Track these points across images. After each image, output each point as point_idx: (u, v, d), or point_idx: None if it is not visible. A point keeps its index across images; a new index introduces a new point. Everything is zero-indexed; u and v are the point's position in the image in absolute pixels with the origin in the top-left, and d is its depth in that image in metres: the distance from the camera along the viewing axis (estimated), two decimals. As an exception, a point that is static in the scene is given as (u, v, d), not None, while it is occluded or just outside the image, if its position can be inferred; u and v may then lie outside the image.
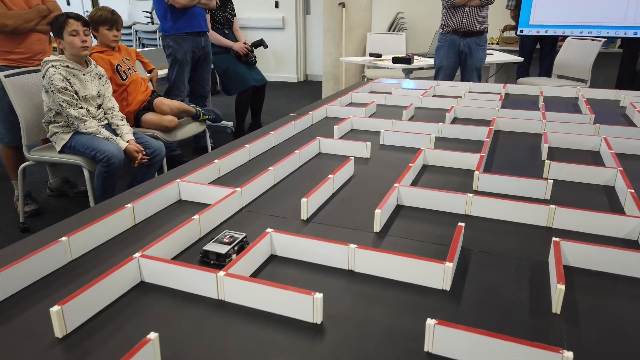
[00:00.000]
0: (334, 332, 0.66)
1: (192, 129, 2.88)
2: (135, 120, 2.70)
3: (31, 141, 2.35)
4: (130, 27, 7.32)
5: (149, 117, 2.67)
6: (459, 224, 0.88)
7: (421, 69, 3.92)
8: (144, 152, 2.26)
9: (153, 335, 0.58)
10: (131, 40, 7.34)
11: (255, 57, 3.91)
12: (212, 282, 0.72)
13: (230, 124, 4.36)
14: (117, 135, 2.28)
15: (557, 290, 0.69)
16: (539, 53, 5.05)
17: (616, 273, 0.80)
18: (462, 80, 3.63)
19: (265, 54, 7.43)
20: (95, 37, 2.64)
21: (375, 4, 6.06)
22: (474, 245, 0.90)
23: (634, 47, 4.53)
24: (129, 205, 0.96)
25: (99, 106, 2.31)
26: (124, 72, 2.65)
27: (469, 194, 1.02)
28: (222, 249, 0.81)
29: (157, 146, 2.36)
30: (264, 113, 4.89)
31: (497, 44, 5.64)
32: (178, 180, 1.09)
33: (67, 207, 2.75)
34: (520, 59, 4.30)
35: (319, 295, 0.66)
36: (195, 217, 0.90)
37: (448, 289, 0.76)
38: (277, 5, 7.21)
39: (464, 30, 3.40)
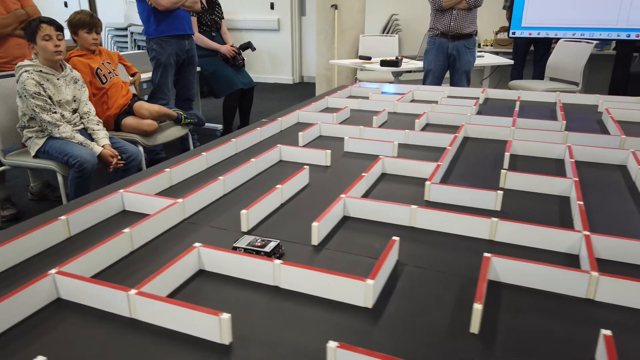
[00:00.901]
0: (242, 353, 0.64)
1: (174, 132, 2.86)
2: (115, 124, 2.69)
3: (7, 145, 2.34)
4: (125, 29, 7.33)
5: (128, 121, 2.66)
6: (393, 237, 0.86)
7: (410, 71, 3.89)
8: (120, 157, 2.25)
9: (41, 358, 0.57)
10: (127, 42, 7.35)
11: (243, 59, 3.90)
12: (123, 300, 0.70)
13: (219, 126, 4.35)
14: (92, 139, 2.27)
15: (474, 309, 0.67)
16: (533, 55, 5.02)
17: (546, 290, 0.77)
18: (451, 83, 3.61)
19: (261, 55, 7.42)
20: (75, 40, 2.64)
21: (369, 5, 6.04)
22: (412, 259, 0.88)
23: (628, 49, 4.49)
24: (63, 217, 0.94)
25: (75, 110, 2.30)
26: (104, 75, 2.64)
27: (413, 206, 0.99)
28: (268, 248, 0.86)
29: (133, 151, 2.35)
30: (257, 114, 4.88)
31: (492, 45, 5.61)
32: (122, 190, 1.08)
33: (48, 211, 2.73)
34: (511, 62, 4.27)
35: (225, 316, 0.65)
36: (127, 230, 0.89)
37: (370, 306, 0.74)
38: (272, 6, 7.20)
39: (452, 33, 3.38)
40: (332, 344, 0.59)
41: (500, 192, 1.06)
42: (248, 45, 3.96)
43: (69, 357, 0.63)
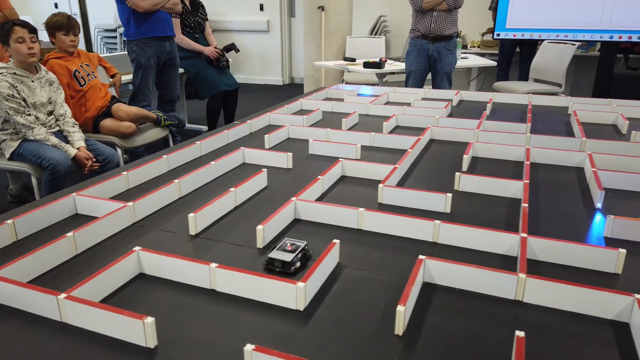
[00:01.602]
0: (166, 356, 0.65)
1: (153, 134, 2.87)
2: (94, 127, 2.69)
3: (-18, 148, 2.34)
4: (115, 30, 7.32)
5: (106, 123, 2.66)
6: (334, 240, 0.87)
7: (393, 73, 3.91)
8: (95, 159, 2.25)
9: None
10: (116, 43, 7.34)
11: (227, 61, 3.90)
12: (53, 305, 0.71)
13: (205, 128, 4.36)
14: (68, 142, 2.27)
15: (397, 311, 0.68)
16: (519, 57, 5.04)
17: (478, 292, 0.79)
18: (432, 84, 3.62)
19: (251, 56, 7.43)
20: (53, 43, 2.64)
21: (357, 7, 6.06)
22: (353, 261, 0.89)
23: (611, 51, 4.51)
24: (9, 221, 0.95)
25: (50, 113, 2.31)
26: (82, 77, 2.64)
27: (360, 209, 1.00)
28: (287, 257, 0.82)
29: (109, 153, 2.35)
30: (246, 115, 4.88)
31: (478, 47, 5.63)
32: (74, 194, 1.08)
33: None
34: (493, 63, 4.29)
35: (149, 320, 0.65)
36: (69, 234, 0.89)
37: (302, 309, 0.75)
38: (262, 8, 7.21)
39: (432, 34, 3.39)
40: (248, 347, 0.60)
41: (450, 195, 1.07)
42: (232, 47, 3.96)
43: (-8, 360, 0.64)
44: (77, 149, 2.23)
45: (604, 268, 0.84)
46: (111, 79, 3.00)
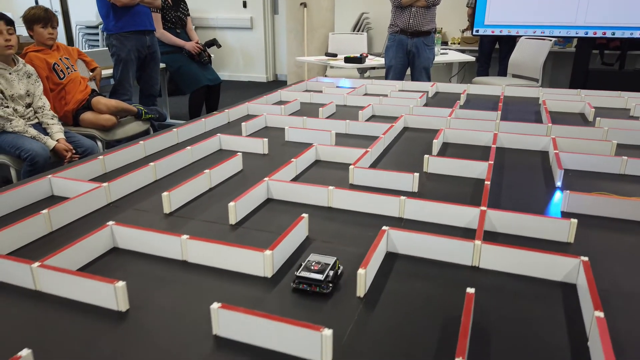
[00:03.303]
0: (136, 318, 0.68)
1: (134, 128, 2.87)
2: (74, 120, 2.69)
3: (-40, 140, 2.32)
4: (97, 27, 7.26)
5: (86, 116, 2.66)
6: (302, 214, 0.91)
7: (373, 68, 3.96)
8: (75, 151, 2.26)
9: None
10: (98, 40, 7.28)
11: (208, 56, 3.91)
12: (27, 273, 0.73)
13: (187, 123, 4.36)
14: (47, 134, 2.28)
15: (358, 274, 0.72)
16: (498, 53, 5.14)
17: (437, 259, 0.83)
18: (412, 79, 3.68)
19: (234, 54, 7.43)
20: (31, 36, 2.63)
21: (339, 4, 6.10)
22: (321, 235, 0.92)
23: (587, 47, 4.63)
24: (-16, 200, 0.97)
25: (29, 105, 2.30)
26: (61, 70, 2.64)
27: (330, 187, 1.04)
28: (319, 275, 0.73)
29: (89, 145, 2.36)
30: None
31: (459, 43, 5.71)
32: (49, 176, 1.10)
33: None
34: (472, 58, 4.37)
35: (120, 284, 0.68)
36: (44, 211, 0.91)
37: (269, 276, 0.78)
38: (245, 5, 7.21)
39: (411, 30, 3.45)
40: (214, 305, 0.63)
41: (417, 174, 1.12)
42: (213, 42, 3.97)
43: (-34, 324, 0.66)
44: (57, 140, 2.24)
45: (557, 237, 0.89)
46: (91, 73, 2.99)
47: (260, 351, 0.62)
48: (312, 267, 0.75)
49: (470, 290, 0.67)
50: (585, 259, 0.74)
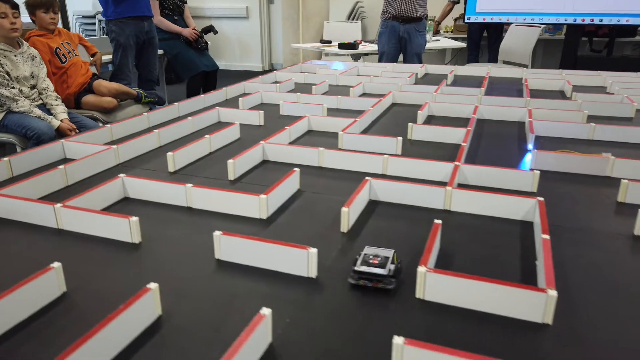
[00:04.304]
0: (148, 248, 0.78)
1: (134, 110, 2.96)
2: (75, 102, 2.77)
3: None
4: (93, 17, 7.31)
5: (88, 98, 2.75)
6: (294, 169, 1.01)
7: (367, 54, 4.05)
8: (78, 131, 2.35)
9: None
10: (95, 30, 7.33)
11: (206, 42, 3.99)
12: (51, 213, 0.83)
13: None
14: (51, 114, 2.36)
15: (342, 211, 0.82)
16: (488, 40, 5.23)
17: (413, 204, 0.93)
18: (405, 64, 3.77)
19: (230, 43, 7.48)
20: (33, 21, 2.71)
21: (333, -7, 6.17)
22: (311, 188, 1.02)
23: (576, 34, 4.72)
24: (5, 158, 1.06)
25: (33, 87, 2.39)
26: (63, 55, 2.72)
27: (320, 148, 1.14)
28: (382, 270, 0.66)
29: (91, 125, 2.45)
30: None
31: (452, 32, 5.80)
32: (62, 140, 1.20)
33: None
34: (463, 45, 4.45)
35: (134, 218, 0.78)
36: (61, 166, 1.01)
37: (265, 218, 0.88)
38: (240, -6, 7.25)
39: (402, 16, 3.53)
40: (217, 232, 0.73)
41: (400, 139, 1.22)
42: (210, 29, 4.05)
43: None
44: (61, 120, 2.33)
45: (523, 188, 0.99)
46: (92, 58, 3.07)
47: (256, 270, 0.72)
48: (371, 261, 0.68)
49: (437, 221, 0.77)
50: (541, 199, 0.85)
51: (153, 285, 0.60)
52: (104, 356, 0.53)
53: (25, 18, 2.82)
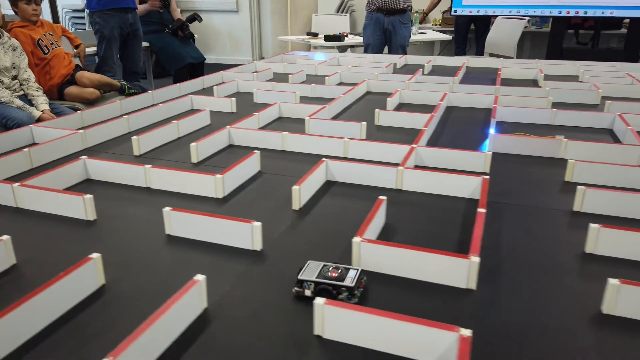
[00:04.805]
0: (103, 226, 0.80)
1: (118, 102, 2.97)
2: (58, 94, 2.78)
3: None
4: (83, 11, 7.28)
5: (71, 90, 2.76)
6: (254, 151, 1.03)
7: (352, 46, 4.06)
8: (59, 121, 2.36)
9: None
10: (84, 24, 7.29)
11: (191, 33, 3.99)
12: (9, 192, 0.85)
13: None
14: (32, 105, 2.37)
15: (292, 189, 0.85)
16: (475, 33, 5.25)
17: (366, 184, 0.96)
18: (390, 56, 3.79)
19: (221, 36, 7.47)
20: (16, 12, 2.71)
21: (322, -15, 6.17)
22: (271, 170, 1.05)
23: (561, 26, 4.75)
24: (-28, 141, 1.08)
25: (14, 77, 2.40)
26: (45, 46, 2.72)
27: (284, 132, 1.17)
28: (349, 282, 0.60)
29: (73, 116, 2.45)
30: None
31: (440, 24, 5.82)
32: (32, 125, 1.22)
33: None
34: (449, 37, 4.48)
35: (88, 196, 0.80)
36: (25, 149, 1.03)
37: (221, 197, 0.91)
38: (230, -13, 7.24)
39: (387, 8, 3.55)
40: (167, 208, 0.76)
41: (364, 123, 1.24)
42: (194, 17, 4.05)
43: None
44: (42, 111, 2.34)
45: (475, 168, 1.02)
46: (75, 50, 3.08)
47: (204, 244, 0.74)
48: (330, 274, 0.61)
49: (382, 197, 0.80)
50: (487, 177, 0.88)
51: (95, 255, 0.62)
52: (50, 315, 0.56)
53: (8, 10, 2.83)
